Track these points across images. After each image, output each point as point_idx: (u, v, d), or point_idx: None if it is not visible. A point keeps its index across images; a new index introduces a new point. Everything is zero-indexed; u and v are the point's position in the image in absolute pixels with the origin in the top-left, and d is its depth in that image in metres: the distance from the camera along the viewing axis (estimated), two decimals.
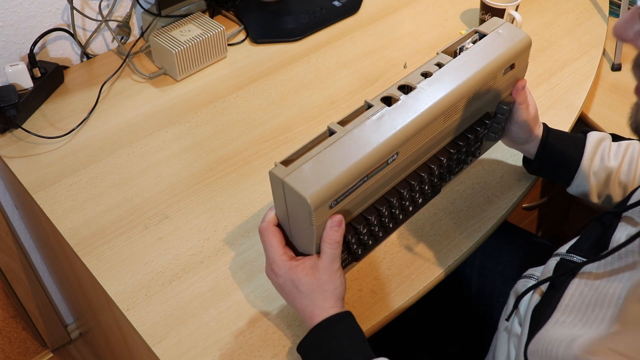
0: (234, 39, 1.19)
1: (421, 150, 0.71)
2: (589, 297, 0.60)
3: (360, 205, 0.67)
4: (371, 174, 0.65)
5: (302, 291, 0.66)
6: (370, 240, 0.72)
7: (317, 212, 0.61)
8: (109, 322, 0.94)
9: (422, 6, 1.28)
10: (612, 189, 0.83)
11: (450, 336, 1.00)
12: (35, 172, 0.92)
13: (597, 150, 0.84)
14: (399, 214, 0.73)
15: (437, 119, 0.69)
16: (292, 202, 0.63)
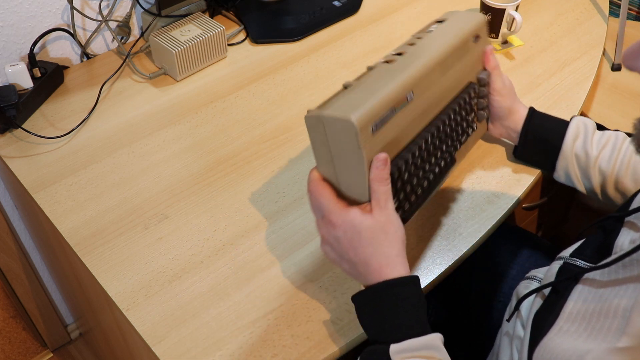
0: (234, 39, 1.19)
1: (431, 97, 0.76)
2: (593, 306, 0.59)
3: (399, 141, 0.70)
4: (399, 106, 0.69)
5: (363, 237, 0.63)
6: (414, 191, 0.71)
7: (363, 135, 0.63)
8: (109, 322, 0.94)
9: (422, 6, 1.28)
10: (592, 175, 0.84)
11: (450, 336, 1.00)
12: (35, 172, 0.92)
13: (579, 133, 0.85)
14: (434, 164, 0.75)
15: (434, 69, 0.76)
16: (335, 135, 0.64)
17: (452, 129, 0.79)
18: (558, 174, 0.87)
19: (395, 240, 0.64)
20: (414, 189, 0.72)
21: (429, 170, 0.74)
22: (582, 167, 0.85)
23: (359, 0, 1.29)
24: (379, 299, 0.63)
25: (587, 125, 0.85)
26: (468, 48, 0.82)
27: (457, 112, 0.80)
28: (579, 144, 0.84)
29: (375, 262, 0.63)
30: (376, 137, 0.65)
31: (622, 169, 0.81)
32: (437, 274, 0.79)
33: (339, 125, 0.63)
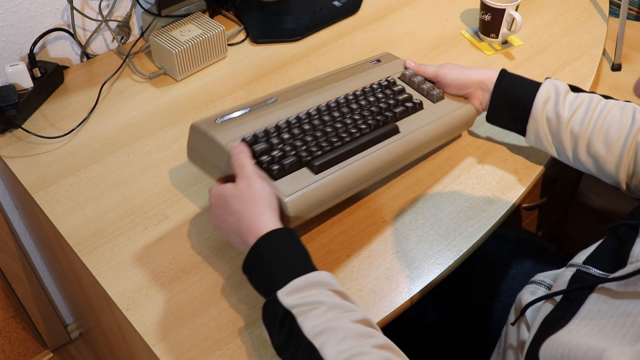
0: (234, 39, 1.19)
1: (306, 98, 0.87)
2: (609, 315, 0.58)
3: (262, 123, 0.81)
4: (254, 106, 0.83)
5: (230, 204, 0.70)
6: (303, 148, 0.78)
7: (207, 125, 0.78)
8: (109, 322, 0.94)
9: (422, 6, 1.28)
10: (564, 138, 0.83)
11: (450, 337, 1.00)
12: (35, 172, 0.92)
13: (551, 94, 0.83)
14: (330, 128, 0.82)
15: (316, 82, 0.91)
16: (194, 140, 0.80)
17: (358, 107, 0.86)
18: (529, 137, 0.87)
19: (258, 200, 0.69)
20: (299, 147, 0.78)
21: (329, 133, 0.81)
22: (553, 130, 0.83)
23: (359, 0, 1.29)
24: (255, 256, 0.66)
25: (558, 87, 0.84)
26: (363, 68, 0.96)
27: (358, 96, 0.88)
28: (550, 107, 0.83)
29: (243, 225, 0.68)
30: (224, 125, 0.79)
31: (595, 132, 0.80)
32: (437, 274, 0.79)
33: (193, 135, 0.80)
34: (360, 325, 0.61)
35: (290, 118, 0.82)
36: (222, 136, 0.77)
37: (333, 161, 0.78)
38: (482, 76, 0.89)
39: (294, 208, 0.72)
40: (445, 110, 0.91)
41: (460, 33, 1.21)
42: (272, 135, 0.79)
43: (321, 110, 0.84)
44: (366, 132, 0.83)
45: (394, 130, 0.85)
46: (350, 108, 0.86)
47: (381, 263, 0.80)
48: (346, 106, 0.86)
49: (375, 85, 0.91)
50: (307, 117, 0.83)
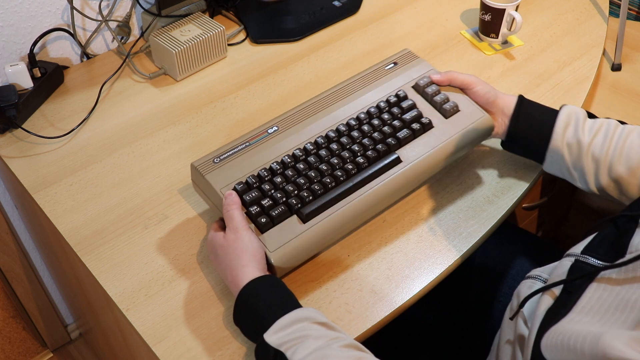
0: (234, 39, 1.19)
1: (308, 124, 0.86)
2: (609, 302, 0.59)
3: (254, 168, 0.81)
4: (253, 140, 0.83)
5: (219, 254, 0.73)
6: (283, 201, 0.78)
7: (205, 168, 0.80)
8: (109, 322, 0.94)
9: (422, 6, 1.28)
10: (585, 163, 0.82)
11: (450, 337, 1.00)
12: (35, 172, 0.92)
13: (571, 120, 0.83)
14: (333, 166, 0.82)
15: (323, 100, 0.89)
16: (195, 179, 0.82)
17: (359, 135, 0.85)
18: (548, 163, 0.86)
19: (243, 252, 0.71)
20: (290, 192, 0.78)
21: (324, 172, 0.81)
22: (574, 156, 0.83)
23: (359, 0, 1.29)
24: (241, 305, 0.69)
25: (577, 113, 0.84)
26: (380, 73, 0.93)
27: (361, 120, 0.86)
28: (570, 133, 0.82)
29: (230, 275, 0.71)
30: (220, 165, 0.80)
31: (616, 155, 0.80)
32: (437, 274, 0.79)
33: (194, 174, 0.82)
34: (350, 349, 0.63)
35: (285, 158, 0.81)
36: (216, 181, 0.79)
37: (322, 207, 0.77)
38: (506, 100, 0.88)
39: (279, 260, 0.74)
40: (457, 127, 0.87)
41: (460, 33, 1.21)
42: (265, 180, 0.79)
43: (319, 143, 0.83)
44: (364, 167, 0.82)
45: (395, 161, 0.83)
46: (351, 137, 0.84)
47: (381, 263, 0.80)
48: (347, 134, 0.85)
49: (383, 104, 0.88)
50: (304, 154, 0.82)
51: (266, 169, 0.80)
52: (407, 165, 0.83)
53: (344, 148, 0.83)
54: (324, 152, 0.82)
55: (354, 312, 0.75)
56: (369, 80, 0.92)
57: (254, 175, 0.79)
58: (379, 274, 0.79)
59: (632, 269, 0.59)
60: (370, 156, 0.82)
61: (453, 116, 0.88)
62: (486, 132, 0.89)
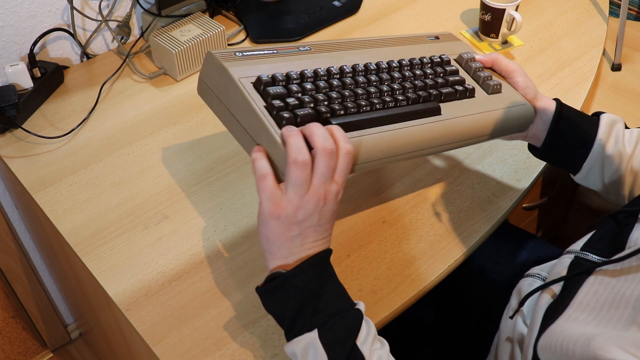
0: (234, 39, 1.19)
1: (343, 55, 0.76)
2: (604, 297, 0.59)
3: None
4: (281, 50, 0.72)
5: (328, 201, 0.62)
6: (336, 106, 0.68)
7: (225, 57, 0.67)
8: (109, 322, 0.94)
9: (422, 6, 1.28)
10: (624, 175, 0.79)
11: (450, 337, 1.00)
12: (35, 172, 0.92)
13: (612, 131, 0.79)
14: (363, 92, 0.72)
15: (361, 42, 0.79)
16: (211, 79, 0.69)
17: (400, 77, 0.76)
18: (582, 175, 0.81)
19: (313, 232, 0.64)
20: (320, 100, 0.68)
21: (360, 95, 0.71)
22: (614, 168, 0.79)
23: (359, 0, 1.29)
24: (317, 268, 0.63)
25: (617, 122, 0.80)
26: (419, 40, 0.85)
27: (403, 66, 0.77)
28: (611, 144, 0.78)
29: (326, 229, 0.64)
30: (243, 59, 0.68)
31: None
32: (437, 274, 0.79)
33: (207, 64, 0.69)
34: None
35: (320, 69, 0.70)
36: (237, 70, 0.67)
37: (354, 125, 0.67)
38: (544, 103, 0.81)
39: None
40: (498, 104, 0.79)
41: (460, 33, 1.21)
42: (293, 82, 0.68)
43: (357, 69, 0.73)
44: (402, 104, 0.72)
45: (435, 111, 0.74)
46: (391, 75, 0.75)
47: (381, 263, 0.80)
48: (387, 72, 0.75)
49: (427, 60, 0.80)
50: (339, 73, 0.72)
51: (297, 72, 0.69)
52: (445, 119, 0.74)
53: (383, 82, 0.74)
54: (362, 79, 0.72)
55: None
56: (409, 42, 0.84)
57: (282, 73, 0.68)
58: (379, 274, 0.79)
59: (628, 263, 0.59)
60: (410, 97, 0.73)
61: (495, 94, 0.81)
62: (526, 121, 0.81)
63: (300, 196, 0.59)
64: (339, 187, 0.61)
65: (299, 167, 0.58)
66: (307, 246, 0.61)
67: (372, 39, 0.81)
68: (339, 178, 0.61)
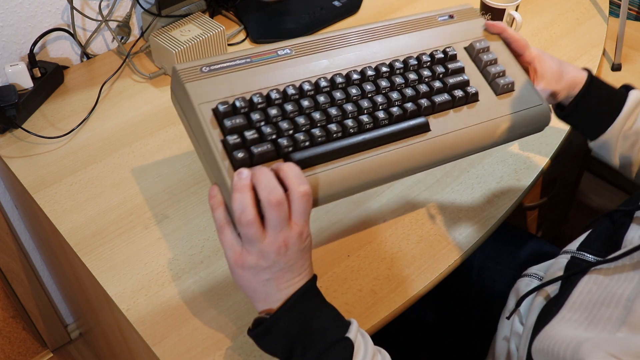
0: (234, 39, 1.19)
1: (328, 57, 0.69)
2: (597, 296, 0.59)
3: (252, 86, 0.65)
4: (256, 57, 0.66)
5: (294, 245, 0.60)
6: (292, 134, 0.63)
7: (187, 74, 0.62)
8: (109, 322, 0.94)
9: (422, 6, 1.28)
10: (635, 154, 0.79)
11: (450, 337, 1.00)
12: (35, 172, 0.92)
13: (635, 110, 0.79)
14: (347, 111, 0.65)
15: (357, 34, 0.72)
16: (174, 85, 0.65)
17: (388, 85, 0.69)
18: (597, 146, 0.81)
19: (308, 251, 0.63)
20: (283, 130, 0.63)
21: (333, 117, 0.65)
22: (627, 146, 0.79)
23: (359, 0, 1.29)
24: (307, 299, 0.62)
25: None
26: (430, 23, 0.77)
27: (394, 69, 0.70)
28: (629, 124, 0.78)
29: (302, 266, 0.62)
30: (208, 77, 0.63)
31: None
32: (437, 274, 0.79)
33: (173, 80, 0.64)
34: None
35: (289, 88, 0.65)
36: (196, 92, 0.62)
37: (318, 158, 0.62)
38: (572, 75, 0.79)
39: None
40: (506, 109, 0.72)
41: None
42: (257, 108, 0.63)
43: (335, 82, 0.67)
44: (382, 124, 0.66)
45: (421, 128, 0.67)
46: (376, 85, 0.68)
47: (381, 263, 0.80)
48: (373, 80, 0.68)
49: (426, 58, 0.72)
50: (313, 89, 0.65)
51: (262, 94, 0.63)
52: (434, 137, 0.67)
53: (365, 96, 0.67)
54: (339, 95, 0.66)
55: (354, 312, 0.75)
56: (415, 27, 0.76)
57: (245, 98, 0.63)
58: (379, 274, 0.79)
59: (622, 262, 0.60)
60: (393, 113, 0.66)
61: (505, 95, 0.73)
62: (539, 126, 0.74)
63: (258, 248, 0.57)
64: (300, 228, 0.58)
65: (245, 225, 0.56)
66: (283, 286, 0.59)
67: (371, 29, 0.73)
68: (298, 220, 0.57)
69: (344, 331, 0.60)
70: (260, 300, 0.61)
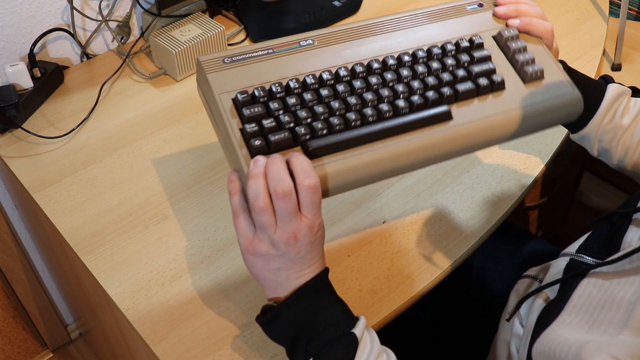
0: (234, 39, 1.19)
1: (351, 47, 0.69)
2: (598, 299, 0.59)
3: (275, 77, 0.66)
4: (278, 48, 0.67)
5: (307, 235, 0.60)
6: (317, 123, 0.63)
7: (210, 65, 0.64)
8: (109, 322, 0.94)
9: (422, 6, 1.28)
10: (614, 147, 0.79)
11: (450, 337, 1.00)
12: (35, 172, 0.92)
13: (613, 105, 0.78)
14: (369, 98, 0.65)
15: (381, 24, 0.73)
16: (199, 76, 0.67)
17: (409, 74, 0.68)
18: (577, 137, 0.82)
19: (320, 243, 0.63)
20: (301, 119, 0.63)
21: (352, 106, 0.65)
22: (606, 140, 0.79)
23: (359, 0, 1.29)
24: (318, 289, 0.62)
25: (623, 95, 0.79)
26: (460, 12, 0.76)
27: (417, 58, 0.69)
28: (608, 119, 0.78)
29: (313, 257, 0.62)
30: (232, 67, 0.65)
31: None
32: (438, 274, 0.79)
33: (198, 71, 0.66)
34: None
35: (308, 78, 0.65)
36: (218, 83, 0.64)
37: (335, 147, 0.61)
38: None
39: None
40: (536, 97, 0.69)
41: None
42: (276, 97, 0.64)
43: (356, 71, 0.66)
44: (403, 113, 0.65)
45: (444, 117, 0.65)
46: (397, 74, 0.67)
47: (381, 263, 0.80)
48: (394, 69, 0.68)
49: (450, 46, 0.70)
50: (333, 78, 0.66)
51: (282, 84, 0.64)
52: (457, 126, 0.66)
53: (385, 85, 0.66)
54: (359, 84, 0.65)
55: (354, 312, 0.75)
56: (442, 16, 0.75)
57: (264, 87, 0.64)
58: (379, 274, 0.79)
59: (621, 264, 0.60)
60: (414, 102, 0.65)
61: (534, 83, 0.71)
62: (570, 114, 0.72)
63: (269, 236, 0.58)
64: (311, 222, 0.58)
65: (258, 212, 0.57)
66: (293, 276, 0.60)
67: (396, 19, 0.73)
68: (307, 213, 0.58)
69: (350, 326, 0.60)
70: (270, 288, 0.61)
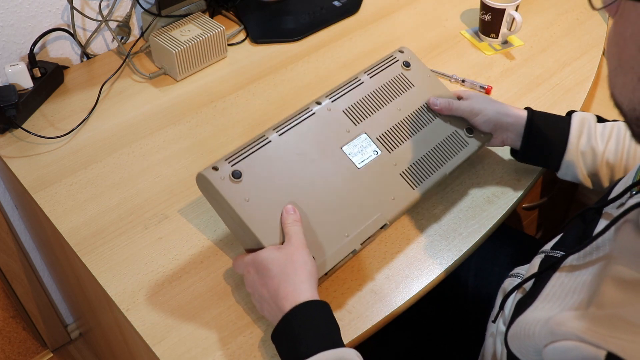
0: (234, 39, 1.19)
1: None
2: (568, 286, 0.61)
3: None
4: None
5: (272, 270, 0.67)
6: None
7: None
8: (109, 322, 0.94)
9: (422, 6, 1.28)
10: (600, 170, 0.83)
11: (445, 338, 1.00)
12: (35, 172, 0.92)
13: (583, 129, 0.83)
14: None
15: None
16: (208, 191, 0.73)
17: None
18: (562, 171, 0.86)
19: (302, 269, 0.67)
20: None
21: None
22: (589, 164, 0.83)
23: (359, 0, 1.29)
24: (287, 323, 0.65)
25: (588, 120, 0.84)
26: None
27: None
28: (583, 141, 0.83)
29: (283, 291, 0.66)
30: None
31: (630, 159, 0.81)
32: (437, 274, 0.79)
33: (202, 180, 0.73)
34: None
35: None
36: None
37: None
38: (512, 119, 0.86)
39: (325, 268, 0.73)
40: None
41: (460, 33, 1.21)
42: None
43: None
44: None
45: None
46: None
47: (381, 263, 0.80)
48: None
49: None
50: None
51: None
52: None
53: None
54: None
55: (354, 312, 0.75)
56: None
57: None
58: (379, 274, 0.79)
59: (589, 253, 0.61)
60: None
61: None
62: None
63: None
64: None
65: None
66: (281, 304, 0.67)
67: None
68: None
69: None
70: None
